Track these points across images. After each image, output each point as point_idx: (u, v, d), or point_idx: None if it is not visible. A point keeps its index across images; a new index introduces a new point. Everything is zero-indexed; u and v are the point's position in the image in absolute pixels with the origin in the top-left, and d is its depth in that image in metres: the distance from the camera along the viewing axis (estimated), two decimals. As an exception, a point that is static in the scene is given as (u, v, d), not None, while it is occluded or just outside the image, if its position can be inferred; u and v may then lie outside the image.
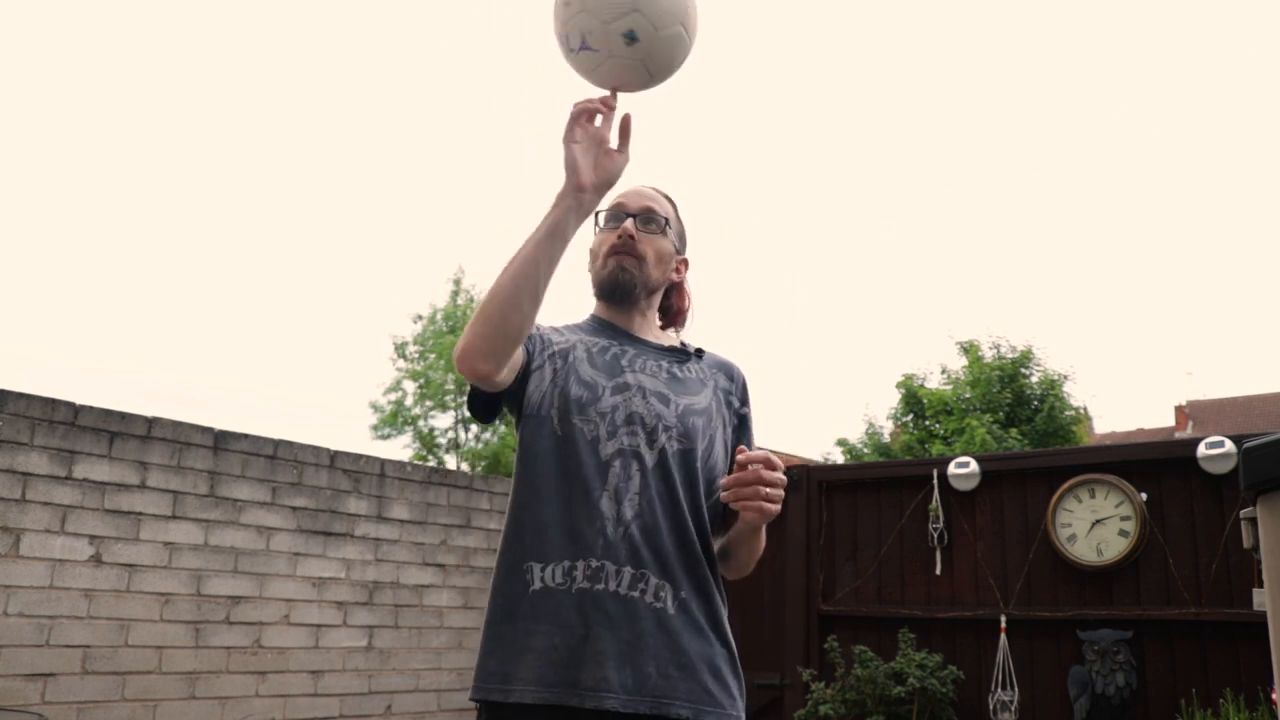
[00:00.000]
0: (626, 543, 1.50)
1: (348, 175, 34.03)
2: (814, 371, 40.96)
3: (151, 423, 4.36)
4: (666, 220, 1.73)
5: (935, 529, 4.79)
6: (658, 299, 1.78)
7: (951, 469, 4.82)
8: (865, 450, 19.35)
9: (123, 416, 4.28)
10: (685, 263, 1.81)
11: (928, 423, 18.26)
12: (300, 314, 33.26)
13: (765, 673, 5.03)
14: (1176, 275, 50.13)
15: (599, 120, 1.49)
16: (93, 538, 4.09)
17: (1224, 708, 3.85)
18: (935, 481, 4.85)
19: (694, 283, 1.87)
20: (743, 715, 1.57)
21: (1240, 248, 49.47)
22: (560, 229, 1.45)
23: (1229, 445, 4.19)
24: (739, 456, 1.51)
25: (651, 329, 1.76)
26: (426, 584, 5.27)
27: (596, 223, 1.75)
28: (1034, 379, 17.87)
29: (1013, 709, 4.35)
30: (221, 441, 4.57)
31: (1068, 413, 17.51)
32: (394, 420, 20.59)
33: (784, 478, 1.51)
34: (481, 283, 24.76)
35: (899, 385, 18.86)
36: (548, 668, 1.45)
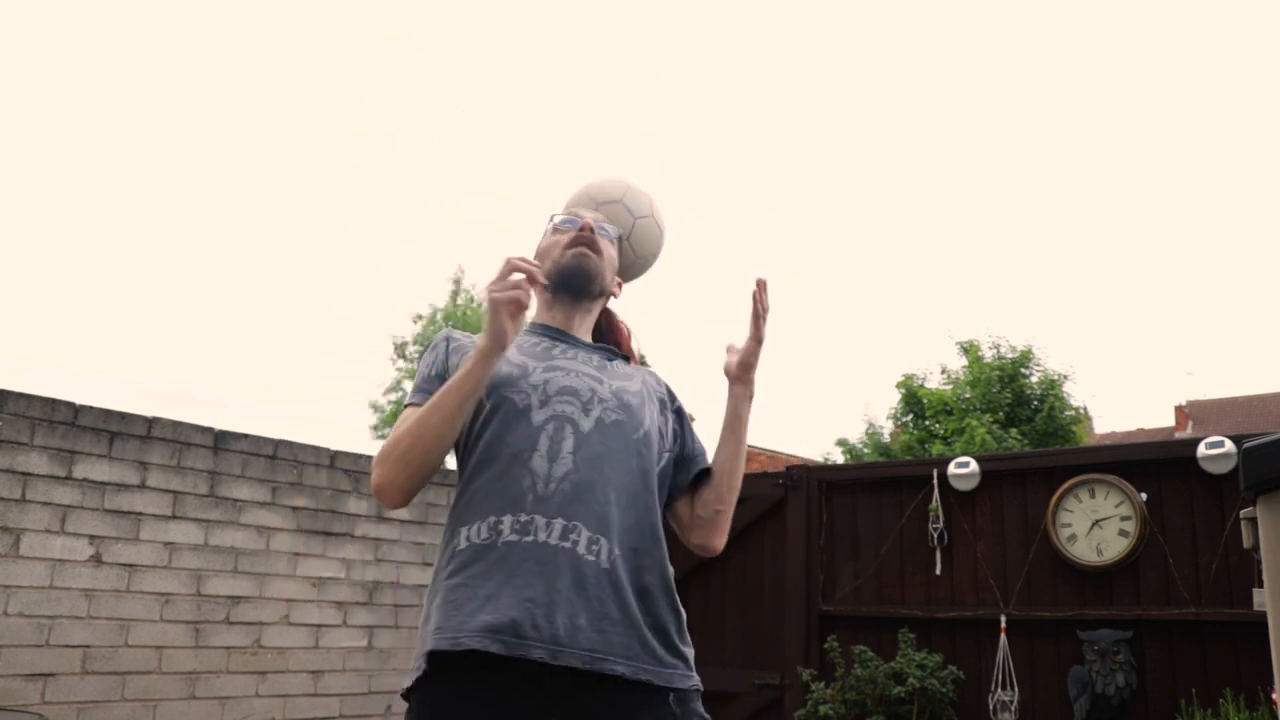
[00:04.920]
0: (559, 496, 1.44)
1: (348, 175, 34.04)
2: (814, 371, 40.96)
3: (151, 423, 4.36)
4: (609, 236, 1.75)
5: (935, 529, 4.79)
6: (598, 307, 1.76)
7: (951, 469, 4.81)
8: (865, 450, 19.35)
9: (123, 416, 4.29)
10: (619, 284, 1.81)
11: (928, 423, 18.25)
12: (300, 314, 33.28)
13: (765, 673, 5.03)
14: (1176, 275, 50.16)
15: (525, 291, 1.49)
16: (93, 538, 4.09)
17: (1224, 708, 3.85)
18: (935, 481, 4.84)
19: (626, 312, 1.88)
20: (694, 679, 1.48)
21: (1240, 248, 49.48)
22: (482, 381, 1.48)
23: (1229, 445, 4.18)
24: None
25: (586, 333, 1.75)
26: (426, 584, 5.27)
27: (552, 226, 1.74)
28: (1034, 379, 17.87)
29: (1013, 709, 4.35)
30: (221, 441, 4.57)
31: (1068, 413, 17.51)
32: (394, 420, 20.59)
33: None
34: (481, 282, 24.70)
35: (899, 385, 18.85)
36: (470, 616, 1.38)
